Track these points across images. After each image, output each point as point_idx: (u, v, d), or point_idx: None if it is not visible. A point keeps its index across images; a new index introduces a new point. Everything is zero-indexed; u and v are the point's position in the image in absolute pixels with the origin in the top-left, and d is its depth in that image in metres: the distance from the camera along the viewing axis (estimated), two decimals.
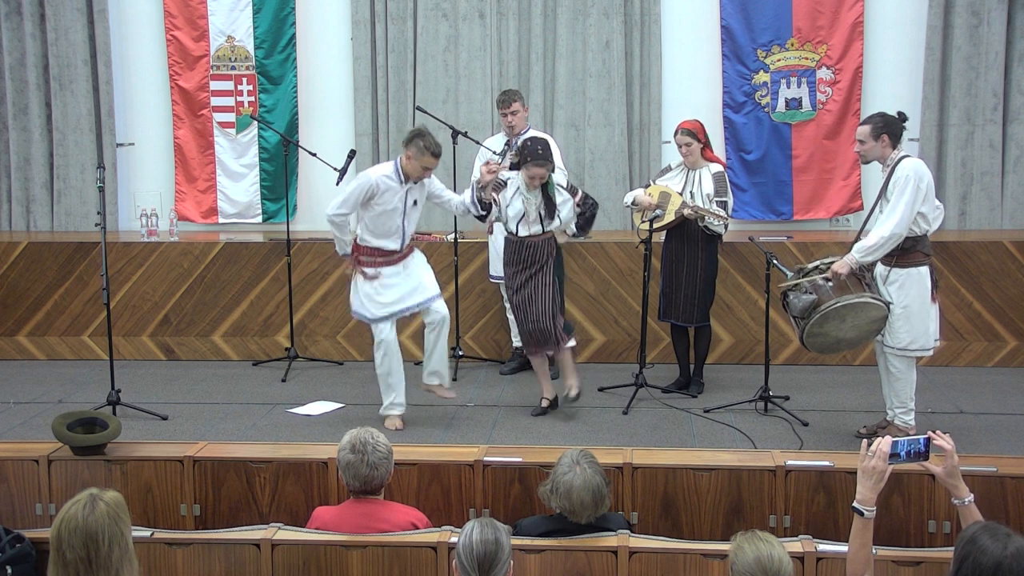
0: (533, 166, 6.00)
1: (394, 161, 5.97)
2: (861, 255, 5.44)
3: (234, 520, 4.60)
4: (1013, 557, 2.78)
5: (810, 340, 5.55)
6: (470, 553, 3.16)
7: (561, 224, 6.23)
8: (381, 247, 5.97)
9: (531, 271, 6.18)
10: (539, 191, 6.10)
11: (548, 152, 6.06)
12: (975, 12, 7.87)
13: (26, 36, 8.52)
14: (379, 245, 5.97)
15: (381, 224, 5.93)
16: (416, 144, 5.81)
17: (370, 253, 5.99)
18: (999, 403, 6.49)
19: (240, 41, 8.50)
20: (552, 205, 6.12)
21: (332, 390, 6.90)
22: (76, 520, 3.01)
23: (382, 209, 5.88)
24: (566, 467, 3.82)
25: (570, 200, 6.20)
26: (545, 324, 6.13)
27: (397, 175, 5.90)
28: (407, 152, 5.86)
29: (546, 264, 6.20)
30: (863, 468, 3.37)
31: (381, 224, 5.93)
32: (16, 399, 6.79)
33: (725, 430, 5.96)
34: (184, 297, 7.78)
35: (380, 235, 5.95)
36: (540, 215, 6.12)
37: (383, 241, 5.97)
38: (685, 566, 3.73)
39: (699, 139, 6.50)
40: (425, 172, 5.91)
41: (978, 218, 8.03)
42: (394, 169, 5.91)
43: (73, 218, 8.65)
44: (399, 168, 5.90)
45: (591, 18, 8.19)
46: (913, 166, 5.45)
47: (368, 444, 3.94)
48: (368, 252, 5.99)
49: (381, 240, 5.96)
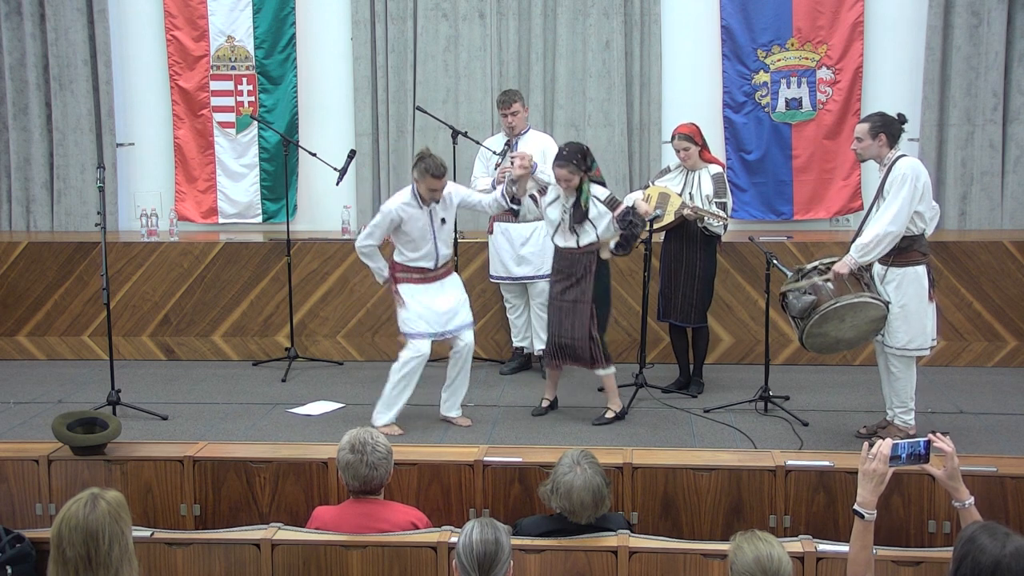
0: (555, 166, 5.94)
1: (411, 186, 5.98)
2: (859, 254, 5.44)
3: (234, 520, 4.60)
4: (1012, 556, 2.79)
5: (809, 340, 5.56)
6: (470, 553, 3.16)
7: (598, 239, 6.00)
8: (417, 265, 6.02)
9: (567, 284, 6.08)
10: (572, 199, 5.97)
11: (574, 153, 5.90)
12: (975, 12, 7.87)
13: (26, 36, 8.52)
14: (415, 264, 6.02)
15: (414, 247, 5.99)
16: (418, 168, 5.85)
17: (406, 270, 6.04)
18: (999, 403, 6.49)
19: (240, 41, 8.50)
20: (582, 216, 5.93)
21: (332, 390, 6.90)
22: (77, 518, 3.02)
23: (410, 236, 5.95)
24: (566, 467, 3.82)
25: (607, 215, 5.94)
26: (570, 340, 6.05)
27: (416, 200, 5.93)
28: (414, 176, 5.92)
29: (583, 279, 6.02)
30: (864, 471, 3.37)
31: (414, 247, 5.99)
32: (16, 399, 6.80)
33: (725, 430, 5.96)
34: (184, 297, 7.78)
35: (414, 257, 6.01)
36: (570, 226, 5.98)
37: (419, 261, 6.02)
38: (685, 566, 3.73)
39: (696, 142, 6.49)
40: (434, 194, 5.91)
41: (978, 218, 8.02)
42: (412, 194, 5.94)
43: (73, 218, 8.65)
44: (416, 193, 5.93)
45: (591, 18, 8.19)
46: (910, 164, 5.46)
47: (367, 444, 3.95)
48: (404, 269, 6.05)
49: (416, 260, 6.02)
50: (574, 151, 5.91)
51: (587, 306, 6.00)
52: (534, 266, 7.12)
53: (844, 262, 5.45)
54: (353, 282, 7.64)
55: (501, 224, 7.16)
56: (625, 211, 5.88)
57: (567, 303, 6.06)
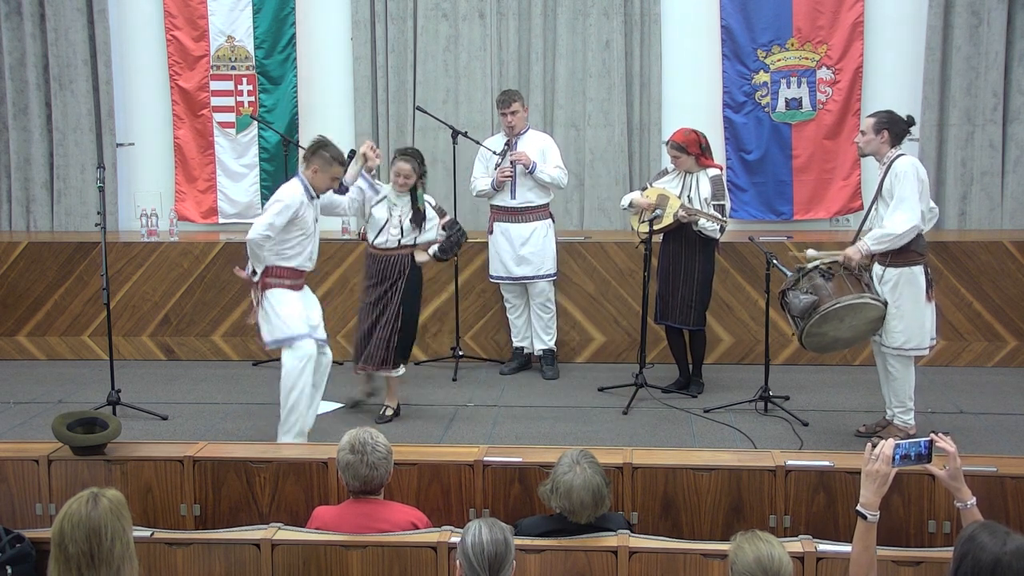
0: (399, 160, 6.05)
1: (298, 178, 5.73)
2: (874, 243, 5.46)
3: (234, 520, 4.59)
4: (1012, 555, 2.79)
5: (808, 340, 5.56)
6: (480, 553, 3.14)
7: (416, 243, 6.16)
8: (292, 267, 5.73)
9: (380, 289, 6.14)
10: (407, 199, 6.09)
11: (418, 154, 6.15)
12: (975, 12, 7.87)
13: (26, 36, 8.52)
14: (295, 266, 5.74)
15: (297, 246, 5.69)
16: (321, 156, 5.63)
17: (278, 275, 5.70)
18: (999, 403, 6.49)
19: (240, 41, 8.50)
20: (420, 217, 6.10)
21: (332, 390, 6.88)
22: (80, 515, 3.03)
23: (300, 231, 5.67)
24: (566, 467, 3.81)
25: (436, 219, 6.21)
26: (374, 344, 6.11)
27: (307, 192, 5.68)
28: (312, 166, 5.66)
29: (397, 281, 6.12)
30: (867, 471, 3.36)
31: (297, 246, 5.69)
32: (16, 399, 6.80)
33: (725, 430, 5.96)
34: (184, 297, 7.78)
35: (292, 255, 5.71)
36: (401, 224, 6.07)
37: (297, 261, 5.73)
38: (685, 566, 3.73)
39: (689, 152, 6.48)
40: (334, 183, 5.72)
41: (978, 218, 8.02)
42: (302, 187, 5.67)
43: (73, 218, 8.65)
44: (306, 185, 5.69)
45: (591, 18, 8.19)
46: (910, 162, 5.50)
47: (367, 444, 3.95)
48: (277, 273, 5.70)
49: (294, 261, 5.72)
50: (418, 153, 6.18)
51: (395, 310, 6.11)
52: (534, 266, 7.13)
53: (856, 248, 5.48)
54: (353, 282, 7.63)
55: (501, 224, 7.17)
56: (452, 219, 6.26)
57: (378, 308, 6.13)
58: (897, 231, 5.41)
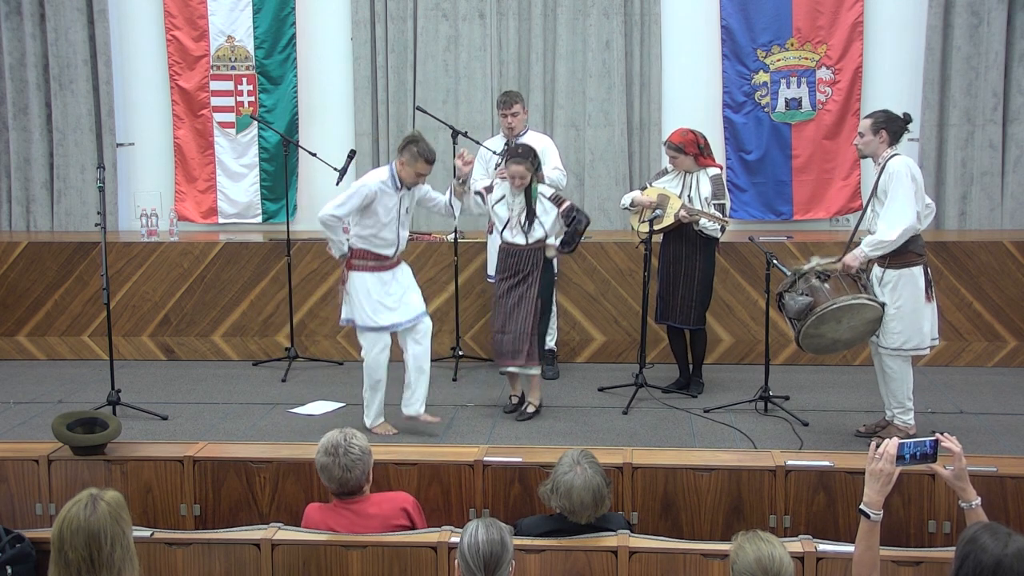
0: (512, 163, 5.99)
1: (389, 166, 5.90)
2: (871, 249, 5.47)
3: (234, 520, 4.60)
4: (1014, 556, 2.79)
5: (806, 341, 5.56)
6: (476, 553, 3.15)
7: (545, 236, 6.08)
8: (376, 252, 5.90)
9: (513, 281, 6.10)
10: (522, 198, 6.03)
11: (529, 152, 6.02)
12: (975, 12, 7.87)
13: (26, 36, 8.52)
14: (374, 250, 5.89)
15: (378, 232, 5.85)
16: (410, 150, 5.76)
17: (363, 256, 5.90)
18: (999, 403, 6.49)
19: (240, 41, 8.50)
20: (532, 214, 6.03)
21: (332, 390, 6.89)
22: (78, 520, 3.01)
23: (378, 218, 5.81)
24: (566, 467, 3.82)
25: (554, 211, 6.05)
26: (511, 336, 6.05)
27: (393, 181, 5.83)
28: (401, 159, 5.81)
29: (530, 275, 6.08)
30: (871, 471, 3.35)
31: (378, 232, 5.85)
32: (16, 399, 6.79)
33: (725, 430, 5.96)
34: (184, 297, 7.78)
35: (375, 242, 5.88)
36: (521, 224, 6.05)
37: (379, 247, 5.90)
38: (685, 566, 3.73)
39: (686, 152, 6.47)
40: (419, 178, 5.86)
41: (978, 218, 8.02)
42: (390, 175, 5.84)
43: (73, 218, 8.65)
44: (395, 174, 5.84)
45: (591, 18, 8.19)
46: (904, 162, 5.49)
47: (340, 446, 3.95)
48: (361, 255, 5.90)
49: (376, 246, 5.89)
50: (528, 151, 6.05)
51: (532, 303, 6.06)
52: None
53: (854, 255, 5.48)
54: None
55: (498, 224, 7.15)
56: (570, 207, 6.06)
57: (512, 300, 6.09)
58: (889, 238, 5.42)
